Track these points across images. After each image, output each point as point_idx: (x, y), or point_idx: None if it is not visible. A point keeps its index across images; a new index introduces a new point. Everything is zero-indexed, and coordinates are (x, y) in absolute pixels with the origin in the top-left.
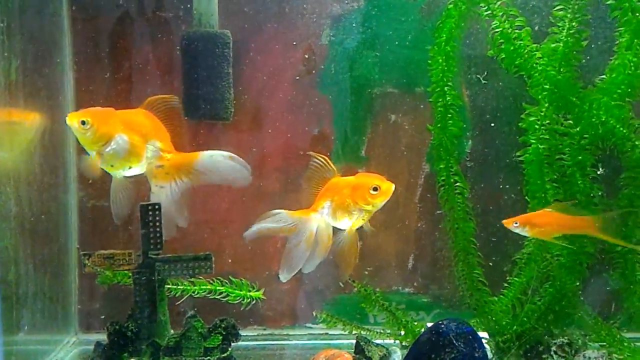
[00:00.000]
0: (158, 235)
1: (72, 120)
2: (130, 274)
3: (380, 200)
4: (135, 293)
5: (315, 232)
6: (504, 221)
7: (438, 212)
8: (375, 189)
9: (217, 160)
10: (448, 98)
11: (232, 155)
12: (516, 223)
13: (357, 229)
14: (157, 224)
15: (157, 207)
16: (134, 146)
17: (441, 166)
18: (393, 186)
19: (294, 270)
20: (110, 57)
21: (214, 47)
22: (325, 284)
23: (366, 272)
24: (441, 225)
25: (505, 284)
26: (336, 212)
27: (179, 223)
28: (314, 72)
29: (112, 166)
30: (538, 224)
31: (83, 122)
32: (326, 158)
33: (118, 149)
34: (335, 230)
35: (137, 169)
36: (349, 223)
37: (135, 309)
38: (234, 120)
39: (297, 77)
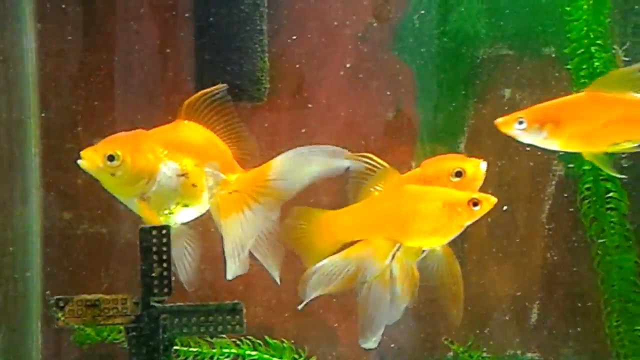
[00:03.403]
0: (165, 273)
1: (93, 158)
2: (124, 329)
3: (469, 187)
4: (130, 356)
5: (390, 265)
6: (498, 121)
7: (578, 237)
8: (458, 174)
9: (300, 157)
10: (596, 64)
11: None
12: (521, 122)
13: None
14: (164, 256)
15: (164, 231)
16: (189, 175)
17: (585, 167)
18: (483, 164)
19: (379, 330)
20: (88, 11)
21: None
22: (405, 345)
23: (468, 328)
24: (584, 258)
25: None
26: None
27: (272, 274)
28: (388, 26)
29: (164, 212)
30: (571, 119)
31: (111, 158)
32: (371, 155)
33: (168, 184)
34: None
35: (198, 208)
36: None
37: None
38: (268, 100)
39: (363, 34)
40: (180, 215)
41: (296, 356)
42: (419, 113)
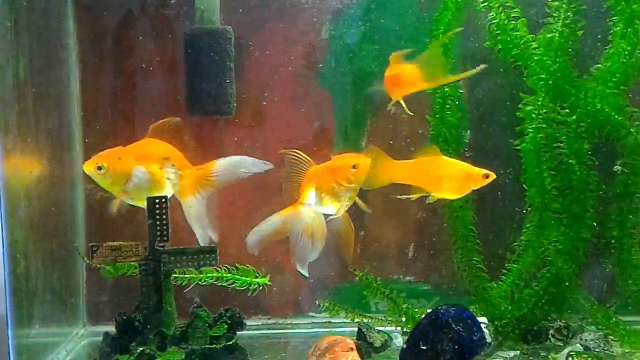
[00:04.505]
0: (164, 227)
1: (89, 167)
2: (137, 266)
3: (361, 176)
4: (141, 284)
5: (309, 222)
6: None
7: (441, 203)
8: (354, 167)
9: (233, 162)
10: (446, 89)
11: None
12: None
13: (353, 215)
14: (164, 216)
15: (163, 199)
16: (153, 174)
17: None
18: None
19: (306, 261)
20: (115, 55)
21: (215, 43)
22: (327, 274)
23: (367, 262)
24: (442, 216)
25: (504, 270)
26: (322, 199)
27: (210, 233)
28: (314, 66)
29: (141, 199)
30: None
31: (99, 168)
32: (298, 151)
33: (139, 182)
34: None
35: (164, 194)
36: (337, 206)
37: (142, 300)
38: (236, 115)
39: (298, 72)
40: None
41: (257, 274)
42: (335, 124)
